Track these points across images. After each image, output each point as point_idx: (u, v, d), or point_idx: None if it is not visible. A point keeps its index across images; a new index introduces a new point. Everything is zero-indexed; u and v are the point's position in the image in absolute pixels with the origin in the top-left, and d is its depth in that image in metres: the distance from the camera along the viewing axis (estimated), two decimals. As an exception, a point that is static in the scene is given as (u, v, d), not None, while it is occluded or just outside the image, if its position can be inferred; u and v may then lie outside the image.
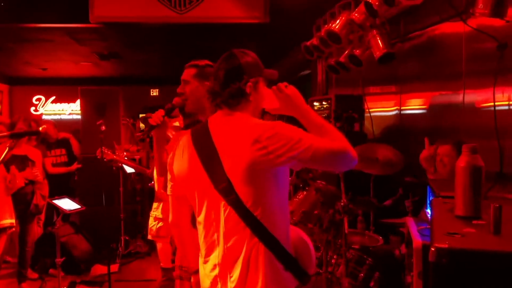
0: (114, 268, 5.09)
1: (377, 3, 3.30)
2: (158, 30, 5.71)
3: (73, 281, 4.66)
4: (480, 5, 2.56)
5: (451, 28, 3.38)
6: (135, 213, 6.34)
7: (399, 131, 4.40)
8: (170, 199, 1.89)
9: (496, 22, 2.65)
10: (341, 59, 4.39)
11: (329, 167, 1.62)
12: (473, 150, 1.48)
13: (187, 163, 1.70)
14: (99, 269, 5.05)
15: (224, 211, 1.59)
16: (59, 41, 6.18)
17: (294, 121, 1.69)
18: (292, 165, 1.59)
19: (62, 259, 4.13)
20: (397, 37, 4.17)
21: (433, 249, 1.17)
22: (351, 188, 3.18)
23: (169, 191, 1.86)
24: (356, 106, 4.63)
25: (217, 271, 1.64)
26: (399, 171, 3.38)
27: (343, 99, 4.63)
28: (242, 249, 1.57)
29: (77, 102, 10.06)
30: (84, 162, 6.09)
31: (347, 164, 1.55)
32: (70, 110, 10.84)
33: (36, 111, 10.62)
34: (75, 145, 6.12)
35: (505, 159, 2.66)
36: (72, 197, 4.58)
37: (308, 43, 4.74)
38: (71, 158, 6.00)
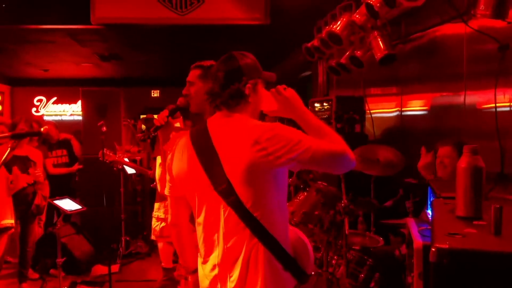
0: (115, 268, 5.09)
1: (378, 5, 3.31)
2: (159, 32, 5.72)
3: (74, 281, 4.66)
4: (482, 6, 2.56)
5: (452, 29, 3.38)
6: (135, 214, 6.35)
7: (400, 132, 4.40)
8: (169, 200, 1.90)
9: (498, 24, 2.65)
10: (342, 60, 4.39)
11: (327, 169, 1.62)
12: (474, 151, 1.48)
13: (187, 164, 1.70)
14: (99, 269, 5.05)
15: (224, 212, 1.60)
16: (60, 42, 6.19)
17: (293, 124, 1.70)
18: (291, 166, 1.59)
19: (63, 259, 4.13)
20: (398, 38, 4.18)
21: (433, 249, 1.17)
22: (351, 189, 3.19)
23: (167, 191, 1.86)
24: (357, 107, 4.64)
25: (216, 271, 1.64)
26: (399, 172, 3.39)
27: (344, 100, 4.64)
28: (242, 249, 1.57)
29: (78, 103, 10.07)
30: (85, 163, 6.10)
31: (345, 165, 1.56)
32: (71, 111, 10.85)
33: (37, 112, 10.62)
34: (76, 146, 6.13)
35: (506, 160, 2.66)
36: (73, 198, 4.58)
37: (309, 44, 4.74)
38: (72, 159, 6.01)
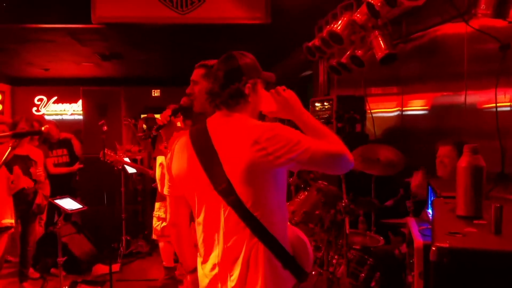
0: (116, 267, 5.09)
1: (379, 4, 3.30)
2: (159, 31, 5.72)
3: (75, 281, 4.66)
4: (483, 6, 2.56)
5: (453, 29, 3.38)
6: (136, 213, 6.35)
7: (400, 132, 4.40)
8: (168, 199, 1.90)
9: (499, 23, 2.65)
10: (343, 60, 4.39)
11: (326, 169, 1.62)
12: (474, 150, 1.48)
13: (186, 164, 1.70)
14: (100, 268, 5.06)
15: (224, 212, 1.60)
16: (61, 41, 6.19)
17: (293, 125, 1.70)
18: (290, 166, 1.60)
19: (64, 258, 4.13)
20: (399, 38, 4.17)
21: (434, 248, 1.18)
22: (352, 189, 3.18)
23: (166, 191, 1.86)
24: (358, 107, 4.64)
25: (216, 270, 1.64)
26: (400, 171, 3.39)
27: (344, 99, 4.64)
28: (242, 249, 1.57)
29: (79, 103, 10.09)
30: (85, 162, 6.10)
31: (343, 166, 1.56)
32: (72, 111, 10.86)
33: (38, 111, 10.63)
34: (77, 146, 6.13)
35: (506, 159, 2.66)
36: (74, 197, 4.58)
37: (310, 43, 4.74)
38: (72, 158, 6.01)
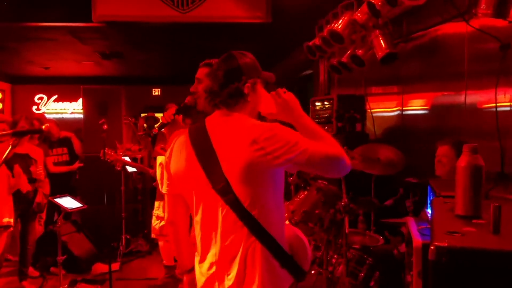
0: (115, 266, 5.09)
1: (379, 3, 3.30)
2: (160, 30, 5.72)
3: (74, 280, 4.67)
4: (483, 6, 2.56)
5: (453, 28, 3.38)
6: (136, 212, 6.35)
7: (400, 131, 4.39)
8: (166, 198, 1.90)
9: (499, 23, 2.65)
10: (344, 59, 4.39)
11: (323, 172, 1.62)
12: (473, 150, 1.48)
13: (185, 162, 1.71)
14: (100, 267, 5.06)
15: (222, 211, 1.60)
16: (61, 40, 6.19)
17: (292, 127, 1.70)
18: (288, 167, 1.60)
19: (63, 257, 4.14)
20: (399, 37, 4.17)
21: (432, 247, 1.18)
22: (352, 188, 3.18)
23: (164, 189, 1.86)
24: (358, 106, 4.63)
25: (214, 269, 1.65)
26: (400, 171, 3.39)
27: (345, 99, 4.63)
28: (240, 247, 1.58)
29: (79, 101, 10.08)
30: (85, 161, 6.10)
31: (340, 170, 1.56)
32: (72, 109, 10.86)
33: (38, 110, 10.62)
34: (77, 144, 6.13)
35: (506, 159, 2.66)
36: (74, 196, 4.59)
37: (311, 43, 4.74)
38: (72, 157, 6.01)
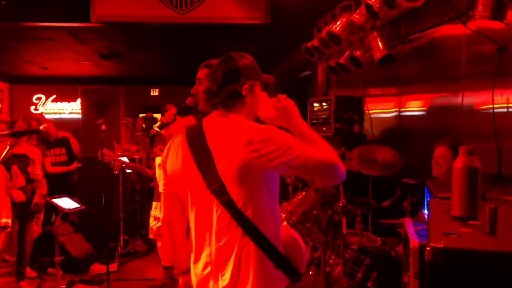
0: (113, 267, 5.09)
1: (377, 5, 3.31)
2: (159, 30, 5.72)
3: (72, 280, 4.66)
4: (480, 8, 2.57)
5: (451, 30, 3.39)
6: (134, 213, 6.35)
7: (398, 132, 4.40)
8: (163, 197, 1.91)
9: (496, 25, 2.66)
10: (342, 60, 4.40)
11: (317, 177, 1.63)
12: (470, 151, 1.49)
13: (181, 162, 1.71)
14: (98, 268, 5.05)
15: (216, 211, 1.61)
16: (60, 40, 6.19)
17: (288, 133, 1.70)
18: (282, 171, 1.59)
19: (61, 258, 4.14)
20: (397, 39, 4.18)
21: (428, 248, 1.19)
22: (350, 189, 3.20)
23: (161, 188, 1.87)
24: (356, 107, 4.65)
25: (208, 269, 1.65)
26: (397, 172, 3.39)
27: (343, 100, 4.65)
28: (234, 248, 1.58)
29: (78, 101, 10.08)
30: (84, 162, 6.09)
31: (335, 177, 1.56)
32: (71, 109, 10.85)
33: (36, 110, 10.62)
34: (75, 145, 6.12)
35: (503, 161, 2.67)
36: (71, 197, 4.58)
37: (309, 44, 4.75)
38: (70, 158, 6.00)
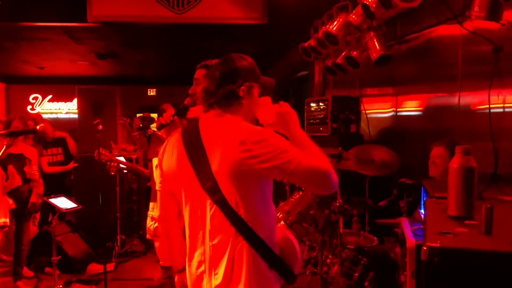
0: (110, 267, 5.08)
1: (374, 5, 3.32)
2: (155, 30, 5.72)
3: (69, 280, 4.65)
4: (476, 8, 2.58)
5: (447, 30, 3.40)
6: (131, 212, 6.33)
7: (395, 132, 4.41)
8: (159, 195, 1.91)
9: (492, 25, 2.67)
10: (338, 60, 4.41)
11: (308, 185, 1.61)
12: (466, 151, 1.50)
13: (176, 160, 1.72)
14: (95, 268, 5.04)
15: (210, 209, 1.61)
16: (56, 40, 6.18)
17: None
18: (274, 174, 1.58)
19: (58, 257, 4.13)
20: (393, 39, 4.19)
21: (425, 248, 1.19)
22: (346, 189, 3.20)
23: (158, 186, 1.88)
24: (353, 107, 4.66)
25: (202, 268, 1.66)
26: (394, 172, 3.40)
27: (340, 100, 4.66)
28: (227, 247, 1.58)
29: (74, 101, 10.05)
30: (80, 161, 6.08)
31: (326, 185, 1.54)
32: (67, 109, 10.82)
33: (32, 109, 10.59)
34: (72, 144, 6.10)
35: (499, 160, 2.68)
36: (68, 196, 4.57)
37: (306, 44, 4.76)
38: (67, 157, 5.99)
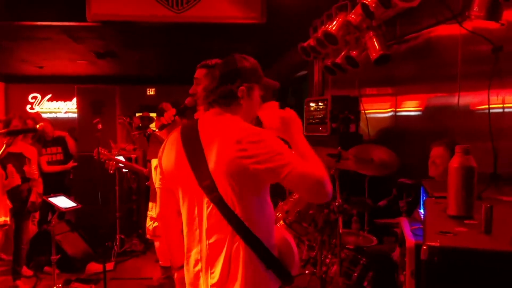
0: (110, 266, 5.08)
1: (373, 5, 3.33)
2: (155, 29, 5.71)
3: (68, 279, 4.65)
4: (476, 8, 2.58)
5: (447, 30, 3.40)
6: (130, 212, 6.33)
7: (394, 132, 4.42)
8: (159, 192, 1.91)
9: (492, 25, 2.67)
10: (338, 60, 4.41)
11: (301, 191, 1.58)
12: (466, 151, 1.50)
13: (174, 158, 1.73)
14: (94, 267, 5.04)
15: (207, 208, 1.61)
16: (56, 39, 6.17)
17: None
18: (268, 177, 1.54)
19: (57, 257, 4.13)
20: (393, 38, 4.19)
21: (425, 247, 1.19)
22: (346, 188, 3.20)
23: (158, 183, 1.88)
24: (352, 107, 4.66)
25: (199, 267, 1.66)
26: (393, 172, 3.41)
27: (339, 100, 4.66)
28: (224, 246, 1.58)
29: (74, 101, 10.04)
30: (80, 161, 6.08)
31: (319, 194, 1.52)
32: (66, 109, 10.81)
33: (32, 109, 10.58)
34: (71, 144, 6.11)
35: (499, 160, 2.68)
36: (68, 196, 4.57)
37: (305, 44, 4.76)
38: (66, 157, 5.99)
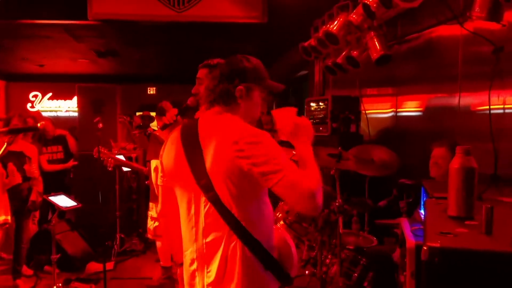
0: (110, 265, 5.07)
1: (374, 5, 3.32)
2: (156, 28, 5.72)
3: (68, 278, 4.65)
4: (477, 9, 2.58)
5: (448, 31, 3.40)
6: (131, 211, 6.33)
7: (395, 133, 4.42)
8: (160, 190, 1.92)
9: (493, 26, 2.67)
10: (339, 60, 4.41)
11: (289, 200, 1.54)
12: (466, 152, 1.50)
13: (174, 157, 1.73)
14: (94, 266, 5.04)
15: (205, 207, 1.61)
16: (56, 37, 6.17)
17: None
18: (261, 180, 1.51)
19: (57, 256, 4.13)
20: (394, 39, 4.19)
21: (425, 248, 1.19)
22: (346, 189, 3.20)
23: (159, 181, 1.89)
24: (353, 107, 4.66)
25: (194, 266, 1.66)
26: (394, 172, 3.40)
27: (340, 100, 4.66)
28: (221, 245, 1.58)
29: (74, 99, 10.04)
30: (80, 160, 6.08)
31: (307, 206, 1.49)
32: (67, 107, 10.81)
33: (32, 107, 10.58)
34: (72, 142, 6.11)
35: (499, 161, 2.68)
36: (68, 195, 4.57)
37: (306, 43, 4.75)
38: (67, 155, 5.99)
